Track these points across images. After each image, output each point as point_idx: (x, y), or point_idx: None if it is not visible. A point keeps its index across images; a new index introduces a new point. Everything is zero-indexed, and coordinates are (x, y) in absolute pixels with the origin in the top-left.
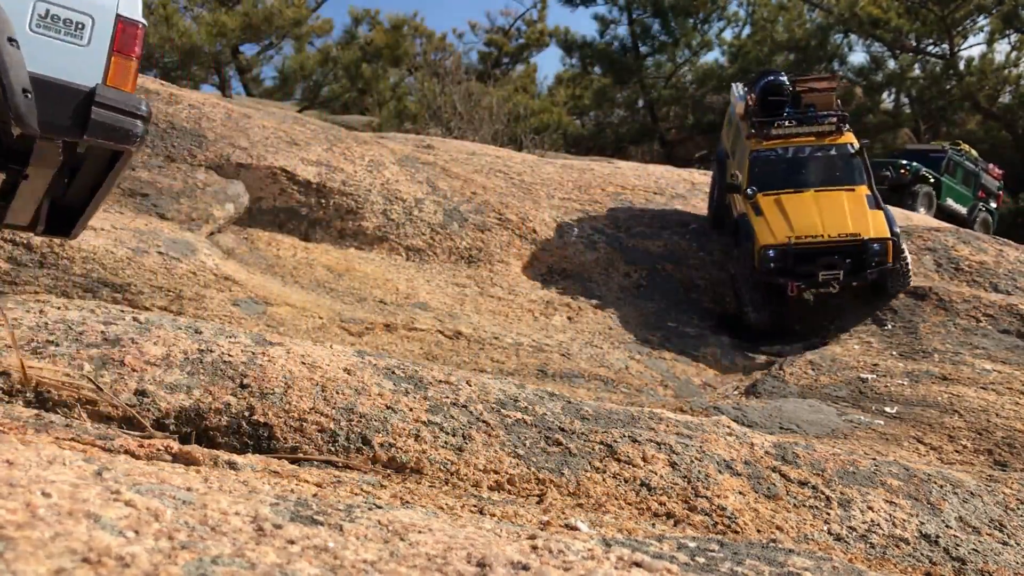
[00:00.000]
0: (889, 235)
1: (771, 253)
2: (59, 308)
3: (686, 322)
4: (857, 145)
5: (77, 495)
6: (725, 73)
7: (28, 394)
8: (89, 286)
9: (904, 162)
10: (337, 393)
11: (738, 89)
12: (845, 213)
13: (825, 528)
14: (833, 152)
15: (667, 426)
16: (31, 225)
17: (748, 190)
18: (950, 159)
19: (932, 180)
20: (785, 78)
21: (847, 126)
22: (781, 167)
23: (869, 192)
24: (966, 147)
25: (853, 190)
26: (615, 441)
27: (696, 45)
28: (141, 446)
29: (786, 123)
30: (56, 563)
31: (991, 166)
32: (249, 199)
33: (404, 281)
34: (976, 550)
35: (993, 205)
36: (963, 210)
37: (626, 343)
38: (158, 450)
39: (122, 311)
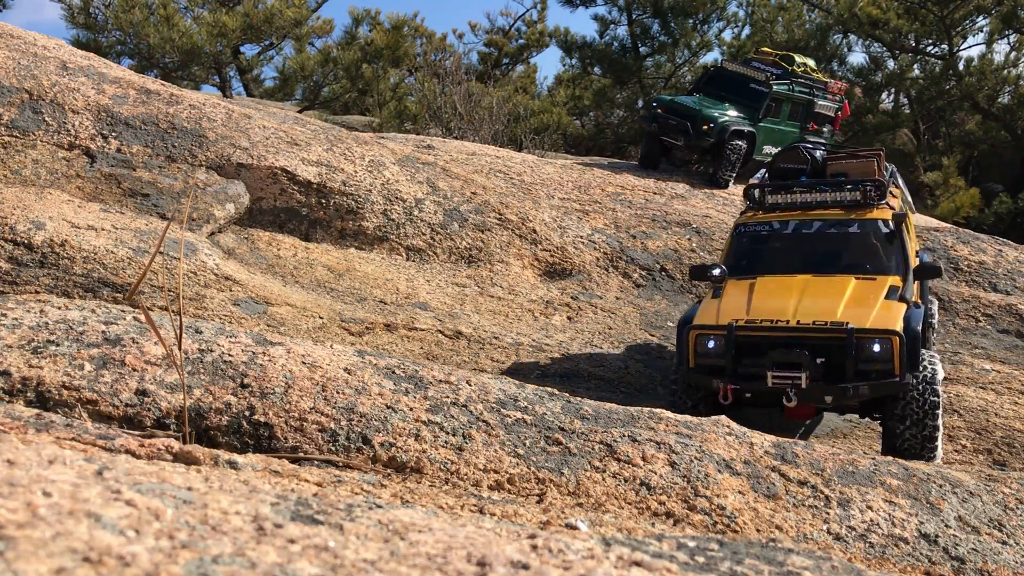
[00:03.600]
0: (896, 329)
1: (708, 343)
2: (60, 308)
3: None
4: (893, 224)
5: (78, 495)
6: None
7: (28, 393)
8: (90, 286)
9: (706, 114)
10: (337, 393)
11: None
12: (840, 298)
13: (824, 527)
14: (856, 229)
15: (667, 425)
16: None
17: (714, 270)
18: (772, 98)
19: (747, 132)
20: (809, 149)
21: (884, 198)
22: (775, 246)
23: (901, 284)
24: (803, 60)
25: (874, 279)
26: (615, 441)
27: (696, 46)
28: (142, 446)
29: (795, 191)
30: (57, 562)
31: (832, 82)
32: (249, 199)
33: (404, 281)
34: (975, 549)
35: (828, 133)
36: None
37: (626, 343)
38: (159, 450)
39: (122, 311)
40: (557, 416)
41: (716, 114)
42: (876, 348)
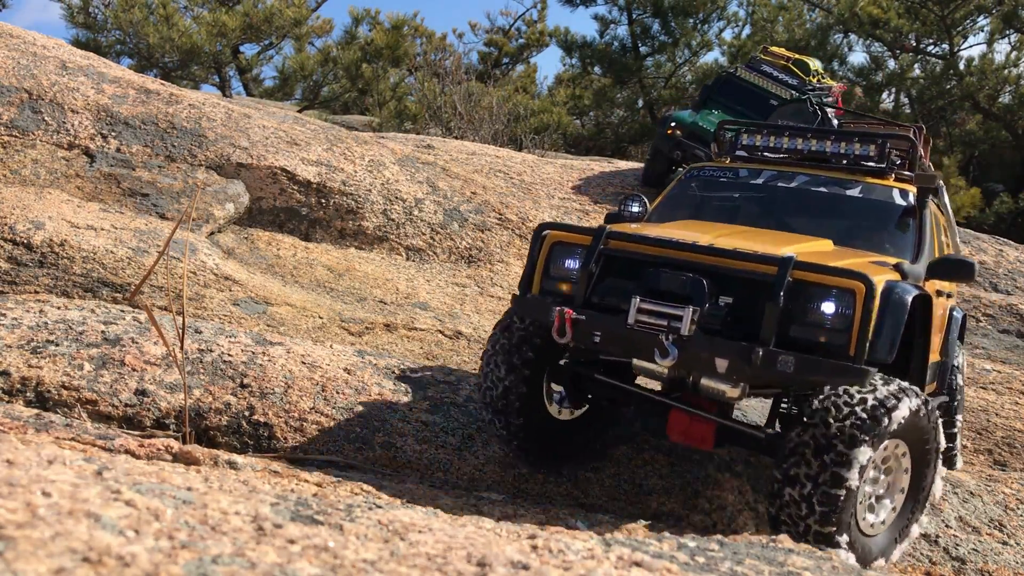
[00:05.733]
0: (867, 275)
1: (567, 260)
2: (59, 308)
3: None
4: (916, 198)
5: (77, 495)
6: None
7: (28, 393)
8: (89, 286)
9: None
10: (337, 393)
11: None
12: (800, 243)
13: None
14: (857, 193)
15: None
16: None
17: (632, 205)
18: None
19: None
20: (821, 103)
21: (913, 167)
22: (733, 199)
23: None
24: (816, 67)
25: (868, 255)
26: (614, 439)
27: (696, 45)
28: (141, 446)
29: (784, 133)
30: (56, 562)
31: (836, 86)
32: (249, 199)
33: (404, 281)
34: (976, 550)
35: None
36: None
37: None
38: (158, 450)
39: (122, 311)
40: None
41: None
42: (826, 302)
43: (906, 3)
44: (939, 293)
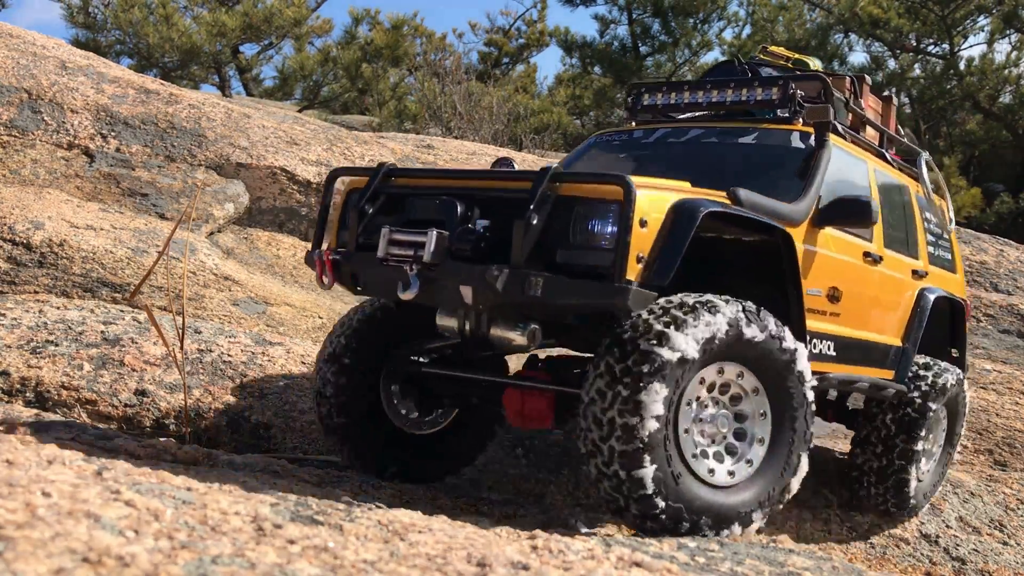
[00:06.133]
0: (624, 177)
1: (354, 197)
2: (59, 308)
3: None
4: (814, 139)
5: (77, 495)
6: None
7: (28, 394)
8: (88, 286)
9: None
10: None
11: None
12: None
13: (825, 528)
14: (750, 140)
15: None
16: None
17: (497, 168)
18: None
19: None
20: (755, 65)
21: (801, 109)
22: (624, 160)
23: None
24: (816, 67)
25: None
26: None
27: (696, 45)
28: (141, 446)
29: (682, 88)
30: (56, 563)
31: None
32: (249, 199)
33: None
34: (976, 550)
35: None
36: None
37: None
38: (158, 450)
39: (122, 311)
40: None
41: None
42: (587, 217)
43: (906, 3)
44: (867, 255)
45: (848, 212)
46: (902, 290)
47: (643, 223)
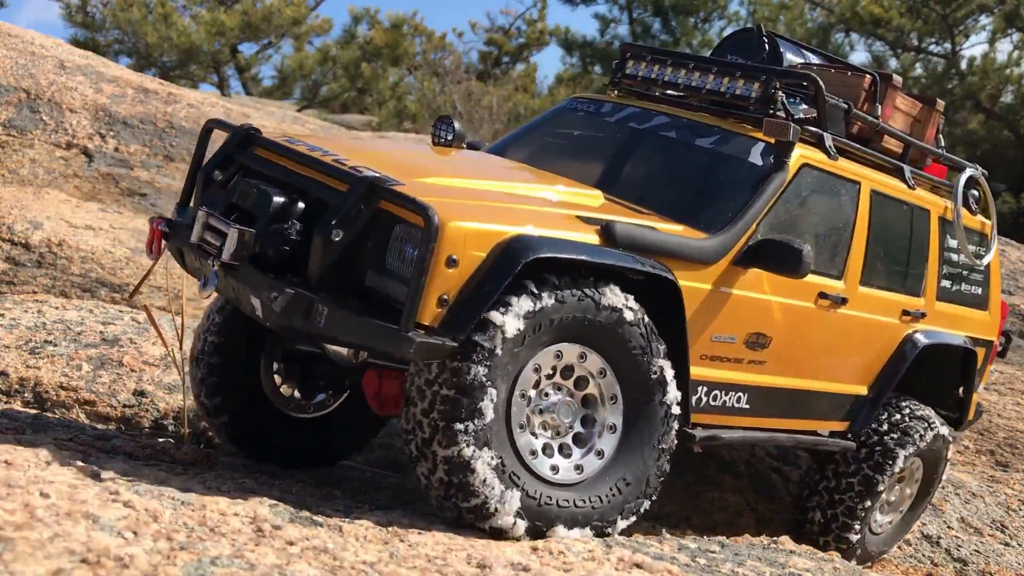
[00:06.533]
0: (427, 207)
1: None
2: (57, 308)
3: None
4: (775, 156)
5: (75, 496)
6: None
7: (26, 394)
8: (87, 286)
9: None
10: None
11: None
12: (549, 183)
13: None
14: (709, 144)
15: None
16: None
17: (437, 127)
18: None
19: None
20: (774, 36)
21: (779, 111)
22: (579, 137)
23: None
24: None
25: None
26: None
27: (697, 45)
28: (140, 447)
29: (668, 63)
30: (55, 564)
31: None
32: None
33: None
34: (978, 551)
35: None
36: None
37: None
38: (157, 451)
39: (120, 311)
40: None
41: None
42: (396, 242)
43: (908, 2)
44: (824, 296)
45: (774, 258)
46: (878, 333)
47: (451, 261)
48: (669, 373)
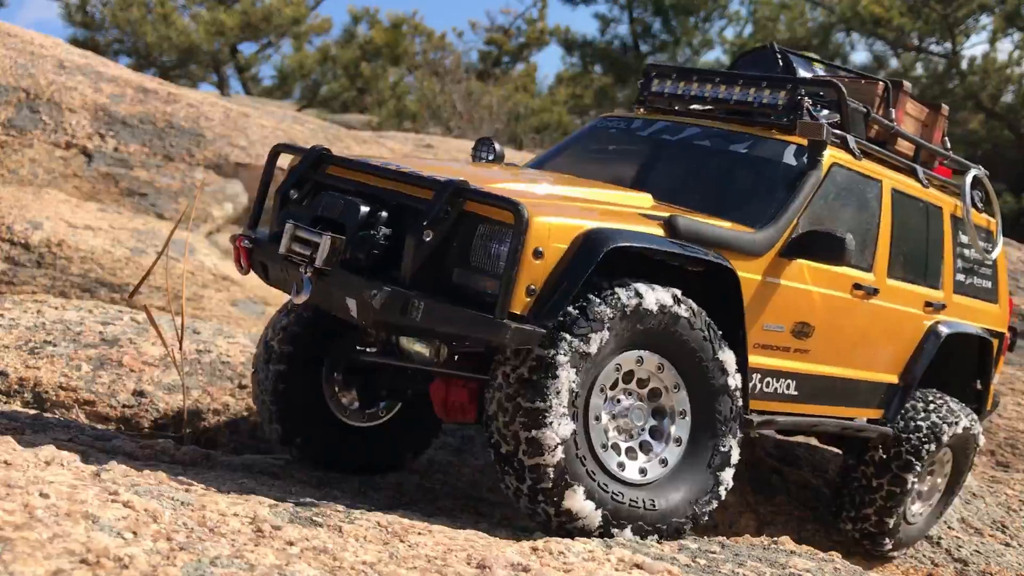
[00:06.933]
0: (517, 203)
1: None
2: (57, 308)
3: None
4: (808, 156)
5: (75, 496)
6: None
7: (26, 394)
8: (87, 286)
9: None
10: None
11: None
12: (597, 188)
13: (826, 529)
14: (741, 149)
15: None
16: None
17: (478, 150)
18: None
19: None
20: (788, 53)
21: (807, 118)
22: (614, 153)
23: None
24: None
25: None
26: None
27: (697, 44)
28: (140, 447)
29: (692, 79)
30: (54, 564)
31: None
32: (248, 198)
33: None
34: (978, 551)
35: None
36: None
37: None
38: (157, 451)
39: (120, 311)
40: None
41: None
42: (483, 238)
43: (908, 2)
44: (858, 287)
45: (819, 248)
46: (905, 324)
47: (538, 253)
48: (734, 380)
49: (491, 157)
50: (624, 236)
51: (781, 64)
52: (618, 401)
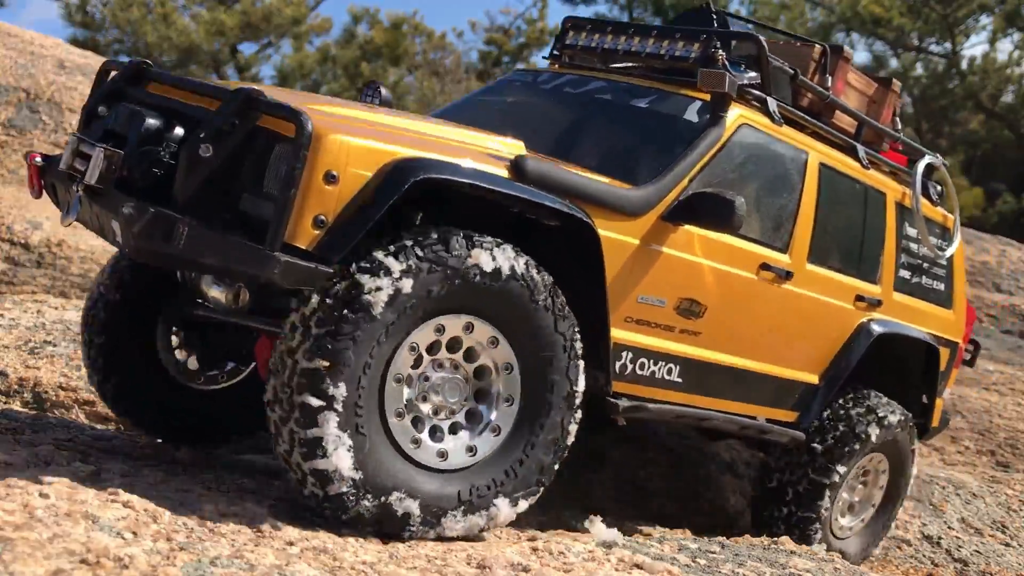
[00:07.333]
0: (301, 113)
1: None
2: (56, 308)
3: None
4: (711, 111)
5: (75, 496)
6: None
7: (25, 394)
8: (87, 286)
9: None
10: None
11: None
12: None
13: None
14: (644, 104)
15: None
16: None
17: (364, 93)
18: None
19: None
20: (723, 14)
21: (720, 67)
22: (514, 106)
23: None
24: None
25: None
26: (615, 440)
27: None
28: (139, 447)
29: (607, 31)
30: (54, 564)
31: None
32: None
33: None
34: (978, 551)
35: None
36: None
37: None
38: (156, 451)
39: None
40: None
41: None
42: (268, 157)
43: (908, 2)
44: (767, 267)
45: (705, 211)
46: (829, 317)
47: (331, 177)
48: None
49: (376, 101)
50: (444, 168)
51: (716, 25)
52: (427, 377)
